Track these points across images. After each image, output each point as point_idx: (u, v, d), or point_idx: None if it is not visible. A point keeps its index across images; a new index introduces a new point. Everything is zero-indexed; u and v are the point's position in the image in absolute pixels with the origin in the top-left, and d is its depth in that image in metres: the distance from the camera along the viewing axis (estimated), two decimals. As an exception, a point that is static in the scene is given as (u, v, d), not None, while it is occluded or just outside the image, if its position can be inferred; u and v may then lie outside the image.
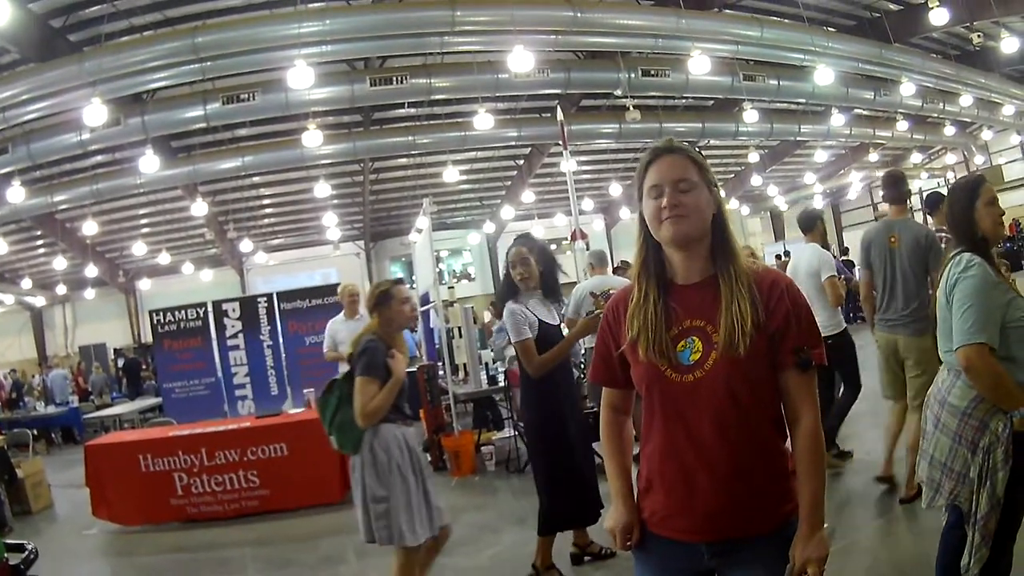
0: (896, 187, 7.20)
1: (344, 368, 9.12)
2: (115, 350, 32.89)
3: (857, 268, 26.26)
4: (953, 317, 3.62)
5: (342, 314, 10.52)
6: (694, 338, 2.56)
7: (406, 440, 5.20)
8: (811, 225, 8.78)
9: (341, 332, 10.42)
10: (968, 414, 3.58)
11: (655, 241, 2.66)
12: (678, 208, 2.54)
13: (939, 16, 17.06)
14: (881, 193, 8.33)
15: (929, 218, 8.80)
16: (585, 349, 9.78)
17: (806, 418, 2.55)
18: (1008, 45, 19.48)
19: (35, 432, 19.09)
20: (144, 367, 25.59)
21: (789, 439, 2.61)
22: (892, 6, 20.99)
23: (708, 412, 2.50)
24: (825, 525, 2.52)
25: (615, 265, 11.64)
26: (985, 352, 3.47)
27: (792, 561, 2.48)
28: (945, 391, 3.73)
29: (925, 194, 9.97)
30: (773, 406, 2.59)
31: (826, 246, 9.04)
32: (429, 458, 10.97)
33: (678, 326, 2.60)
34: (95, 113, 13.39)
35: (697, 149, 2.75)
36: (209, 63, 14.08)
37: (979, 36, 20.00)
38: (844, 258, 27.07)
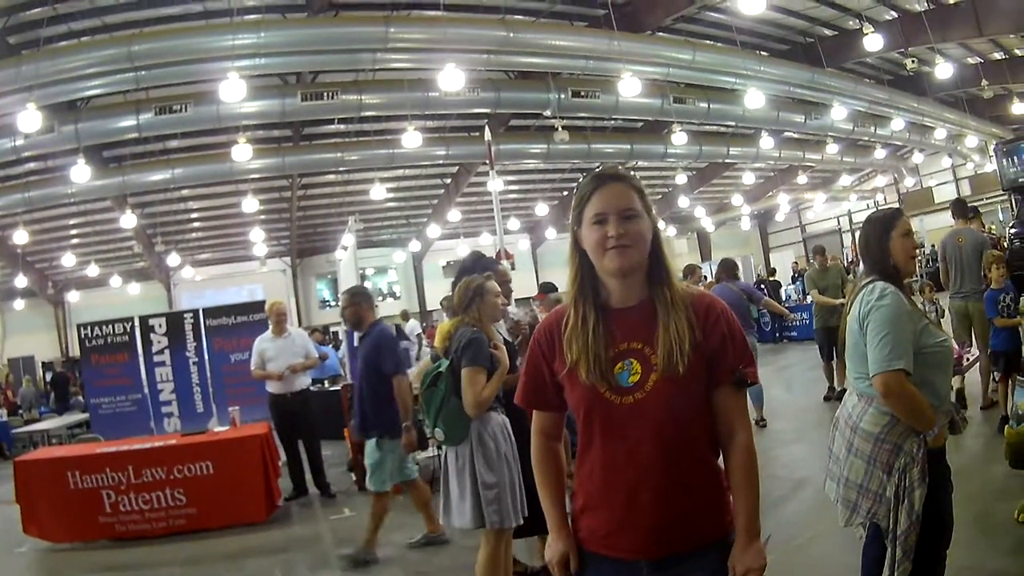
0: (962, 207, 10.59)
1: (272, 387, 9.03)
2: (43, 363, 32.27)
3: (784, 288, 26.78)
4: (868, 345, 3.70)
5: (269, 331, 10.46)
6: (631, 360, 2.58)
7: (507, 427, 5.45)
8: (963, 212, 10.76)
9: (269, 350, 10.36)
10: (881, 439, 3.68)
11: (589, 264, 2.65)
12: (624, 238, 2.54)
13: (873, 42, 17.46)
14: (951, 212, 10.75)
15: (954, 220, 10.57)
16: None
17: (740, 433, 2.61)
18: (942, 71, 19.94)
19: (-37, 447, 18.74)
20: (72, 381, 25.13)
21: (722, 455, 2.65)
22: (827, 31, 21.46)
23: (649, 431, 2.52)
24: (762, 535, 2.58)
25: (543, 284, 11.66)
26: (903, 378, 3.56)
27: (732, 572, 2.53)
28: (857, 417, 3.81)
29: (951, 201, 11.15)
30: (708, 425, 2.62)
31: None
32: (354, 477, 10.94)
33: (614, 348, 2.60)
34: (30, 119, 13.25)
35: (632, 173, 2.75)
36: (144, 72, 13.97)
37: (913, 62, 20.52)
38: (772, 278, 27.39)
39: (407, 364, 8.33)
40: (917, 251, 3.95)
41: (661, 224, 2.68)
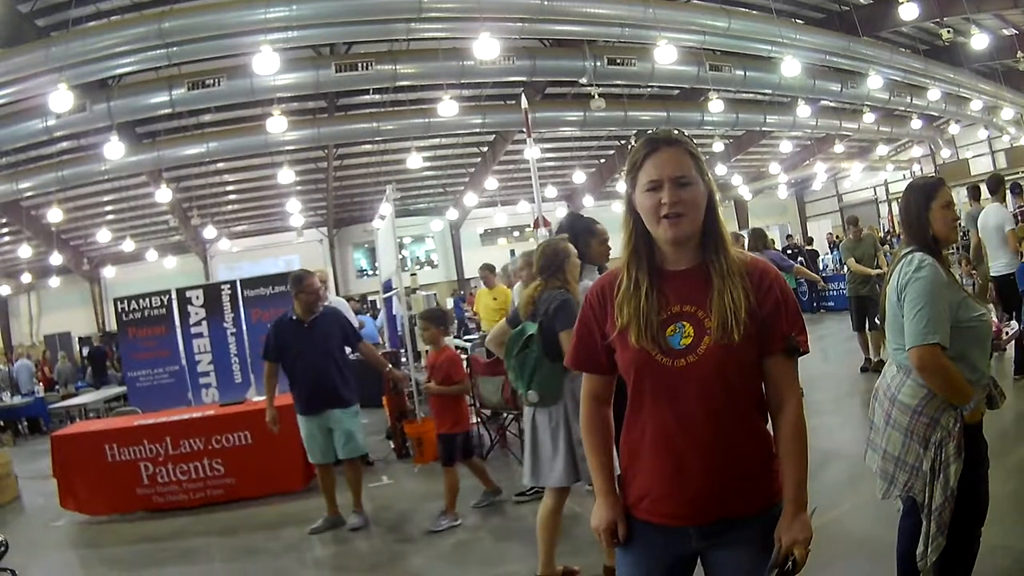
0: (997, 184, 10.82)
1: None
2: (80, 339, 32.61)
3: (821, 258, 26.62)
4: (905, 318, 3.67)
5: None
6: (684, 323, 2.56)
7: None
8: (996, 187, 10.95)
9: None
10: (919, 412, 3.66)
11: (643, 227, 2.62)
12: (678, 206, 2.51)
13: (909, 11, 17.16)
14: (986, 187, 10.86)
15: (990, 196, 10.78)
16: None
17: (791, 402, 2.60)
18: (978, 41, 19.65)
19: (1, 423, 18.96)
20: (109, 356, 25.35)
21: (771, 423, 2.64)
22: (861, 0, 21.10)
23: (699, 396, 2.51)
24: (809, 507, 2.57)
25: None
26: (938, 352, 3.54)
27: (778, 543, 2.52)
28: (895, 389, 3.79)
29: (987, 177, 11.28)
30: (759, 390, 2.63)
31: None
32: (392, 445, 10.97)
33: (667, 311, 2.59)
34: (61, 99, 13.28)
35: (688, 136, 2.69)
36: (175, 48, 14.03)
37: (949, 32, 20.20)
38: (809, 247, 27.18)
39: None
40: (957, 222, 3.85)
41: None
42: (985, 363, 3.74)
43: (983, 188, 10.97)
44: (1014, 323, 4.82)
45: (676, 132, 2.65)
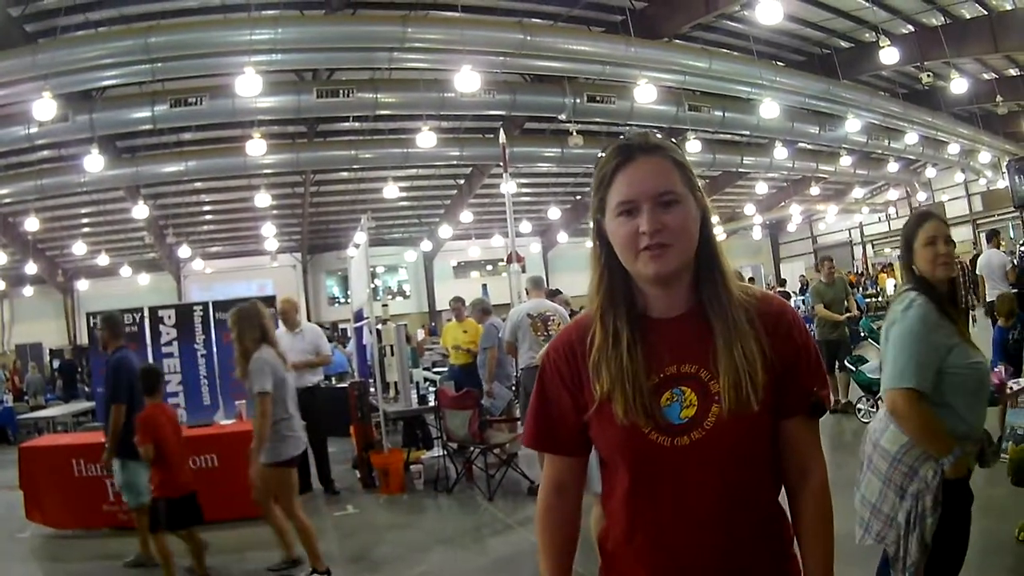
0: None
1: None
2: (51, 351, 32.39)
3: (793, 300, 26.80)
4: (885, 358, 3.57)
5: (282, 327, 10.47)
6: (683, 388, 1.95)
7: None
8: (992, 236, 13.92)
9: (283, 344, 10.38)
10: (898, 459, 3.49)
11: (619, 263, 2.00)
12: (662, 234, 1.90)
13: (889, 55, 17.39)
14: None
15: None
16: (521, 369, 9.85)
17: (815, 473, 2.06)
18: (957, 86, 19.97)
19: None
20: (79, 370, 25.19)
21: (790, 497, 2.09)
22: (843, 43, 21.42)
23: (710, 480, 1.93)
24: None
25: (549, 290, 11.72)
26: (913, 398, 3.38)
27: None
28: (879, 433, 3.63)
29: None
30: (775, 460, 2.04)
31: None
32: (359, 475, 10.95)
33: (659, 373, 1.96)
34: (44, 107, 13.35)
35: (671, 141, 2.11)
36: (160, 64, 14.03)
37: (928, 76, 20.49)
38: (780, 290, 27.34)
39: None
40: (942, 257, 3.60)
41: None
42: (977, 415, 3.54)
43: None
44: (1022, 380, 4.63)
45: (654, 136, 2.04)
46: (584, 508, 2.19)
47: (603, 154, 2.02)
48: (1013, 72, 24.53)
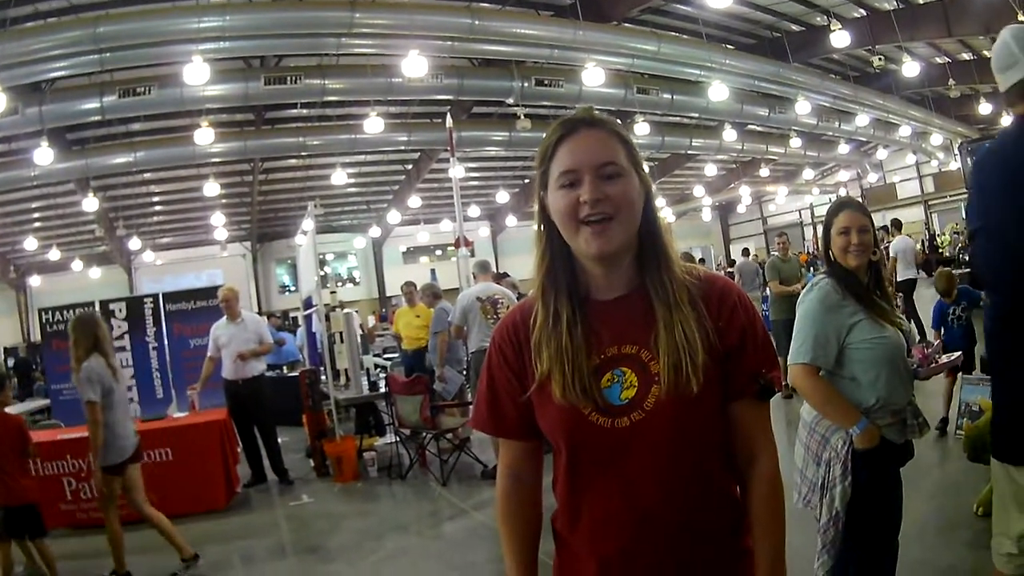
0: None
1: (225, 373, 9.06)
2: (5, 348, 31.97)
3: (739, 279, 27.09)
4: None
5: (224, 317, 10.43)
6: (624, 369, 1.91)
7: None
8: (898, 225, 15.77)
9: (222, 336, 10.34)
10: (813, 428, 3.73)
11: (563, 243, 1.97)
12: (602, 204, 1.87)
13: (841, 39, 17.60)
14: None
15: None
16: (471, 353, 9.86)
17: (764, 457, 2.01)
18: (909, 69, 20.26)
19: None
20: (34, 367, 24.88)
21: (740, 483, 2.04)
22: (794, 27, 21.56)
23: (652, 465, 1.88)
24: None
25: (497, 274, 11.76)
26: (810, 372, 3.62)
27: None
28: (804, 405, 3.89)
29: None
30: (724, 443, 1.99)
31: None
32: (312, 463, 10.92)
33: (600, 354, 1.93)
34: (-5, 101, 13.11)
35: (615, 119, 2.07)
36: (109, 54, 13.85)
37: (880, 59, 20.69)
38: (730, 269, 27.53)
39: None
40: (853, 246, 3.74)
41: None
42: (890, 388, 3.60)
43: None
44: (957, 354, 4.78)
45: (598, 112, 2.03)
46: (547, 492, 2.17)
47: (548, 130, 2.01)
48: (966, 56, 24.89)
